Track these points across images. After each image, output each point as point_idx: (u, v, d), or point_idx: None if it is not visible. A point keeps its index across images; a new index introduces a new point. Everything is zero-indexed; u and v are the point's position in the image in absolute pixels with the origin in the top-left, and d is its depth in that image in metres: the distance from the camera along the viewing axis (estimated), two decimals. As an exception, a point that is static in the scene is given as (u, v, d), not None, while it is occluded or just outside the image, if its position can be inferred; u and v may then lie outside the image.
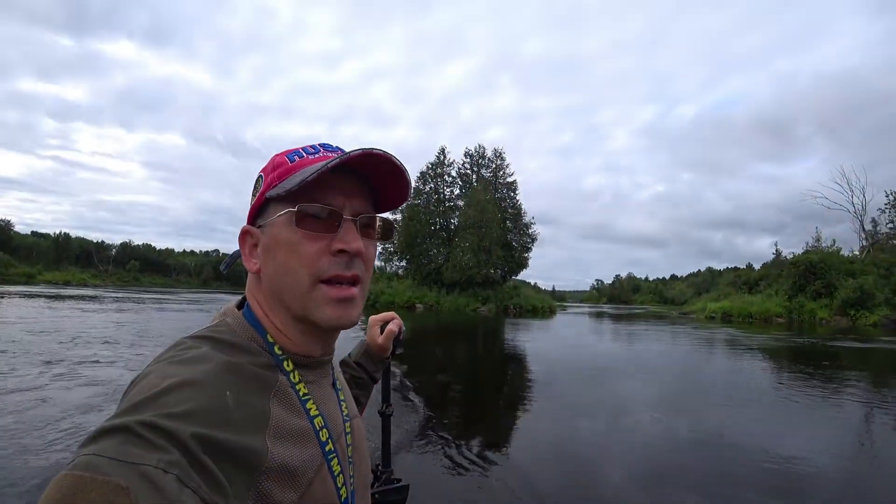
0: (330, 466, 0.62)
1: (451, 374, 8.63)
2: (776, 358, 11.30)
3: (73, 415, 4.82)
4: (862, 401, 6.74)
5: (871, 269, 30.62)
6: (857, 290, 27.30)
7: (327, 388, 0.71)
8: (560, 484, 3.66)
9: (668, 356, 11.53)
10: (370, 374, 1.11)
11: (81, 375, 6.61)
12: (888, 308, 26.42)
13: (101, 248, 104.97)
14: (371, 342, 1.11)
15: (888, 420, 5.76)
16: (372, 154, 0.61)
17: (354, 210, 0.65)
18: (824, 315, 28.41)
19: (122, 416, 0.45)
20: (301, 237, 0.62)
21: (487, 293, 38.29)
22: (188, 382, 0.50)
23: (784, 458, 4.27)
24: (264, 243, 0.65)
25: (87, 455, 0.41)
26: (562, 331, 19.20)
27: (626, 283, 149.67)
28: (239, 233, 0.68)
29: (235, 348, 0.61)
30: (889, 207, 39.83)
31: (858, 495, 3.63)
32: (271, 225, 0.64)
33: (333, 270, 0.63)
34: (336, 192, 0.64)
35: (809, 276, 31.01)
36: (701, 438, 4.98)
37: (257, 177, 0.69)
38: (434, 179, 45.12)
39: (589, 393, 7.20)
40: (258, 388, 0.58)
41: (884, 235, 39.08)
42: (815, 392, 7.20)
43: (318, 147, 0.69)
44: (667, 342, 15.05)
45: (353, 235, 0.64)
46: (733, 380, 8.40)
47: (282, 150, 0.69)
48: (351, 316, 0.64)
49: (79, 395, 5.61)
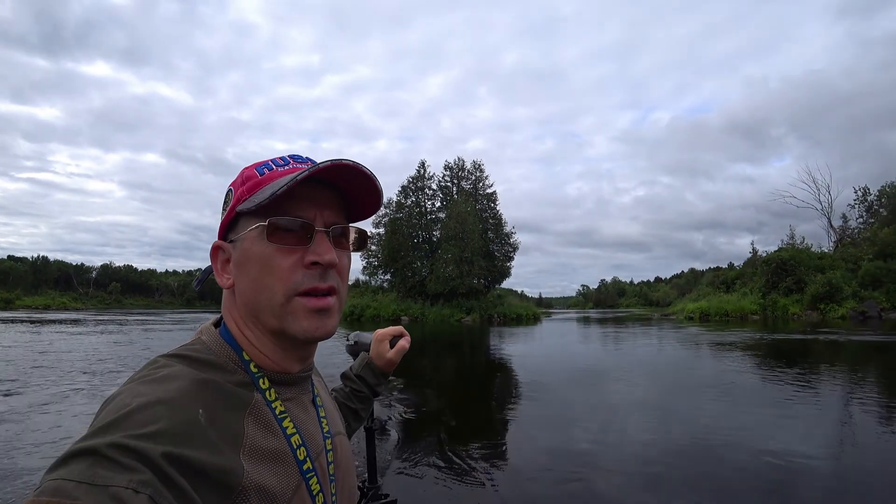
0: (308, 486, 0.61)
1: (438, 384, 8.74)
2: (752, 355, 11.74)
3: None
4: (834, 392, 6.99)
5: (839, 263, 31.81)
6: (826, 284, 28.36)
7: (306, 405, 0.70)
8: (551, 491, 3.64)
9: (647, 357, 11.95)
10: (372, 387, 1.11)
11: (77, 397, 6.73)
12: (855, 301, 27.45)
13: (80, 271, 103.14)
14: (377, 357, 1.11)
15: (864, 410, 5.94)
16: (341, 165, 0.61)
17: (326, 221, 0.65)
18: (796, 310, 29.40)
19: (90, 439, 0.45)
20: (273, 251, 0.61)
21: (471, 303, 38.68)
22: (159, 401, 0.50)
23: (771, 453, 4.30)
24: (236, 258, 0.65)
25: (53, 480, 0.41)
26: (544, 338, 19.51)
27: (611, 288, 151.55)
28: (210, 248, 0.68)
29: (210, 366, 0.60)
30: (858, 203, 41.52)
31: (846, 485, 3.66)
32: (243, 239, 0.63)
33: (308, 283, 0.62)
34: (307, 203, 0.63)
35: (781, 273, 32.09)
36: (685, 434, 5.04)
37: (227, 190, 0.69)
38: (415, 193, 45.60)
39: (572, 398, 7.25)
40: (233, 406, 0.57)
41: (851, 231, 40.54)
42: (789, 385, 7.42)
43: (288, 159, 0.69)
44: (645, 343, 15.57)
45: (326, 247, 0.63)
46: (711, 377, 8.62)
47: (251, 164, 0.70)
48: (328, 326, 0.64)
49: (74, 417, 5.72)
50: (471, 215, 39.49)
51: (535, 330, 25.10)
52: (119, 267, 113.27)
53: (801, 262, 32.04)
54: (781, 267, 32.14)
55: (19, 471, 4.00)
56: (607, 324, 30.44)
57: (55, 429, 5.29)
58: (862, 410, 5.92)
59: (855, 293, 28.22)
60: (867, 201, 41.18)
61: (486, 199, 44.89)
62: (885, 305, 26.94)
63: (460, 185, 45.65)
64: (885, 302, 27.14)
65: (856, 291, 28.35)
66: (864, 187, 41.44)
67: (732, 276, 41.43)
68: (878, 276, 28.18)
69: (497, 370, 10.63)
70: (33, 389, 7.48)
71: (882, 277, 27.97)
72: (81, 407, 6.32)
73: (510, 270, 44.26)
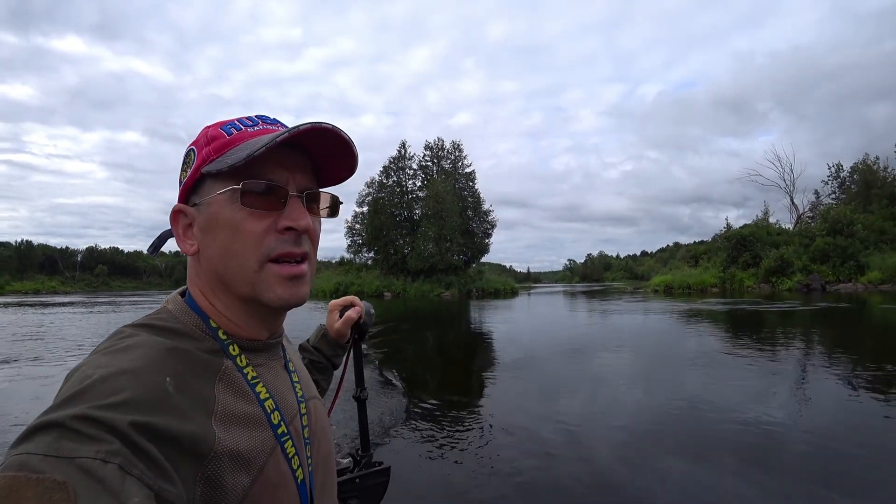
0: (284, 449, 0.60)
1: (422, 355, 8.92)
2: (705, 322, 12.91)
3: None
4: (778, 356, 7.40)
5: (795, 239, 33.72)
6: (778, 259, 30.27)
7: (279, 371, 0.69)
8: (539, 458, 3.64)
9: (613, 326, 13.27)
10: (328, 358, 1.10)
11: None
12: (802, 275, 29.46)
13: (65, 254, 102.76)
14: (329, 327, 1.11)
15: (801, 373, 6.31)
16: (320, 128, 0.58)
17: (299, 186, 0.62)
18: (750, 283, 31.40)
19: (53, 412, 0.43)
20: (246, 215, 0.59)
21: (450, 279, 40.45)
22: (123, 371, 0.48)
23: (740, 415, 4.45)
24: (201, 223, 0.61)
25: (18, 454, 0.40)
26: (517, 311, 20.78)
27: (597, 262, 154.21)
28: (170, 212, 0.64)
29: (176, 334, 0.58)
30: (831, 179, 42.93)
31: (821, 445, 3.71)
32: (209, 203, 0.60)
33: (282, 248, 0.60)
34: (280, 167, 0.60)
35: (741, 248, 34.00)
36: (625, 396, 5.41)
37: (188, 150, 0.65)
38: (396, 173, 46.69)
39: (550, 366, 7.43)
40: (202, 373, 0.56)
41: (818, 207, 41.77)
42: (737, 350, 8.05)
43: (256, 119, 0.65)
44: (608, 313, 17.13)
45: (301, 212, 0.61)
46: (662, 344, 9.27)
47: (214, 123, 0.65)
48: (301, 293, 0.63)
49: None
50: (449, 194, 40.84)
51: (512, 303, 26.49)
52: (105, 249, 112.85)
53: (758, 238, 33.95)
54: (741, 243, 34.06)
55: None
56: (580, 297, 32.21)
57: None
58: (804, 376, 6.30)
59: (805, 267, 30.18)
60: (840, 177, 42.61)
61: (465, 179, 46.19)
62: (832, 279, 28.92)
63: (440, 164, 46.85)
64: (832, 276, 29.12)
65: (806, 266, 30.30)
66: (838, 164, 42.87)
67: (701, 250, 43.38)
68: (826, 251, 30.13)
69: (475, 339, 11.30)
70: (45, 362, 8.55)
71: (830, 252, 29.91)
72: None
73: (489, 247, 46.00)
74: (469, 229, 44.48)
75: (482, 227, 45.83)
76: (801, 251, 31.56)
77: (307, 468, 0.65)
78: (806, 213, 41.67)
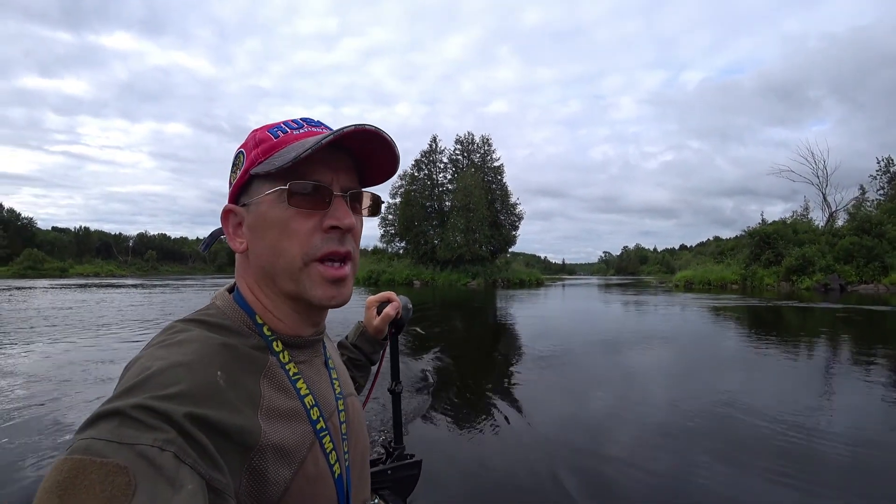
0: (322, 444, 0.63)
1: (454, 345, 8.76)
2: (720, 318, 12.85)
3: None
4: (795, 355, 7.07)
5: (821, 238, 33.62)
6: (800, 258, 30.53)
7: (319, 367, 0.72)
8: (576, 448, 3.61)
9: (630, 318, 13.89)
10: (367, 355, 1.11)
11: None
12: (822, 274, 29.68)
13: (119, 240, 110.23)
14: (367, 324, 1.12)
15: (828, 375, 5.94)
16: (364, 130, 0.61)
17: (342, 185, 0.65)
18: (771, 281, 31.80)
19: (115, 401, 0.46)
20: (292, 214, 0.61)
21: (476, 269, 42.35)
22: (178, 364, 0.51)
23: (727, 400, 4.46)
24: (250, 222, 0.64)
25: (83, 439, 0.42)
26: (543, 301, 21.11)
27: (633, 255, 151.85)
28: (221, 212, 0.68)
29: (225, 330, 0.61)
30: (880, 173, 40.84)
31: (865, 454, 3.46)
32: (258, 203, 0.63)
33: (327, 247, 0.63)
34: (324, 167, 0.63)
35: (764, 246, 34.32)
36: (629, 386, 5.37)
37: (237, 153, 0.69)
38: (427, 166, 48.69)
39: (587, 359, 7.14)
40: (249, 368, 0.59)
41: (856, 202, 39.41)
42: (752, 346, 7.88)
43: (301, 122, 0.68)
44: (631, 306, 17.85)
45: (345, 211, 0.64)
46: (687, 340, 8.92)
47: (261, 126, 0.69)
48: (344, 295, 0.65)
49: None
50: (477, 188, 42.53)
51: (535, 294, 26.86)
52: (154, 235, 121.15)
53: (782, 236, 34.14)
54: (764, 240, 34.36)
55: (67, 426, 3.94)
56: (606, 290, 32.61)
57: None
58: (833, 377, 5.95)
59: (828, 266, 30.27)
60: (889, 172, 40.44)
61: (494, 172, 47.78)
62: (854, 280, 28.91)
63: (471, 157, 48.58)
64: (854, 276, 29.10)
65: (829, 265, 30.36)
66: (888, 157, 40.75)
67: (728, 247, 43.54)
68: (851, 251, 30.13)
69: (503, 330, 11.23)
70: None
71: (855, 252, 29.92)
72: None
73: (516, 238, 47.63)
74: (497, 221, 46.16)
75: (509, 219, 47.44)
76: (827, 250, 31.62)
77: (344, 463, 0.69)
78: (847, 209, 39.73)
